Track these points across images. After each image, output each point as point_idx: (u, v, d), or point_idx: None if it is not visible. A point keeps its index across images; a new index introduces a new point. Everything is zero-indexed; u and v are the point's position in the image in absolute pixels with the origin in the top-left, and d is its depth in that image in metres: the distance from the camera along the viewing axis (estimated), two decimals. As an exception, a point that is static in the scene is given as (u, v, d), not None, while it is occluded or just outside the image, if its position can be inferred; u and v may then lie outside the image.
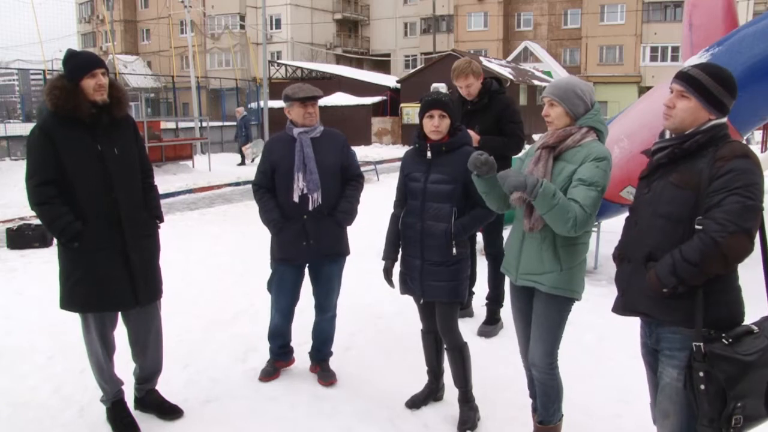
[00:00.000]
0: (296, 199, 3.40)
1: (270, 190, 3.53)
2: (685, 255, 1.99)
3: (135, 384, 3.34)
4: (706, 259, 1.95)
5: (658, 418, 2.26)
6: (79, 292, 2.94)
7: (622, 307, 2.29)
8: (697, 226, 2.00)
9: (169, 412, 3.30)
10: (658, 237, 2.12)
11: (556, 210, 2.43)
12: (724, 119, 2.11)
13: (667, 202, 2.11)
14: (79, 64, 2.85)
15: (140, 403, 3.35)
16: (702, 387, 1.99)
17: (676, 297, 2.06)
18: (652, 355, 2.30)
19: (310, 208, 3.42)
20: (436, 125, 3.00)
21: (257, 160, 17.85)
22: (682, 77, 2.12)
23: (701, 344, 2.00)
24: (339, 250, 3.61)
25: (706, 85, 2.08)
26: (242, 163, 18.01)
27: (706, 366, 1.98)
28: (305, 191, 3.40)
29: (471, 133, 4.18)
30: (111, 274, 2.93)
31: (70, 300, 2.97)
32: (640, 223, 2.21)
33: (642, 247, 2.17)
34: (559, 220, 2.45)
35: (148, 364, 3.29)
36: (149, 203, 3.16)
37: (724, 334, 2.00)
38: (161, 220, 3.26)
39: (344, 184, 3.58)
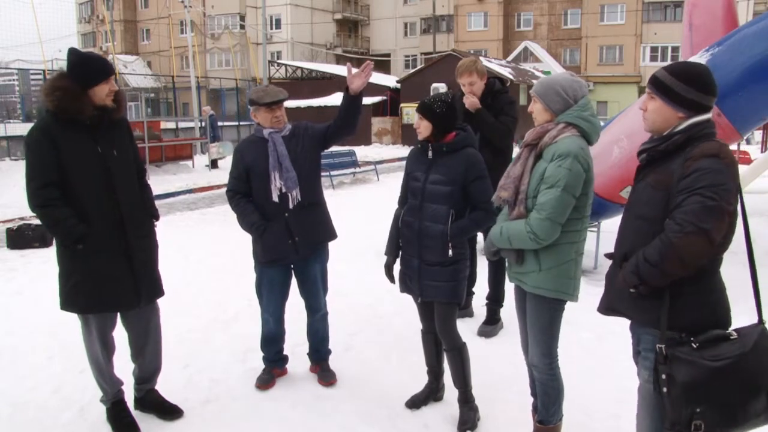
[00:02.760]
0: (276, 198, 3.38)
1: (246, 195, 3.49)
2: (646, 255, 2.00)
3: (134, 384, 3.34)
4: (665, 259, 1.94)
5: (637, 419, 2.28)
6: (81, 293, 2.92)
7: (604, 306, 2.28)
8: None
9: (169, 411, 3.30)
10: (634, 238, 2.13)
11: (513, 239, 2.63)
12: (703, 117, 2.06)
13: (644, 203, 2.12)
14: (96, 69, 2.83)
15: (140, 403, 3.35)
16: (665, 389, 1.98)
17: (649, 298, 2.05)
18: (638, 356, 2.29)
19: (291, 206, 3.40)
20: (416, 126, 3.07)
21: (222, 163, 17.30)
22: (650, 79, 2.16)
23: (663, 346, 1.99)
24: (326, 237, 3.60)
25: (667, 83, 2.07)
26: (213, 165, 17.01)
27: (668, 369, 1.97)
28: (284, 190, 3.38)
29: (473, 99, 4.22)
30: (114, 274, 2.93)
31: (70, 301, 2.96)
32: (622, 224, 2.23)
33: (621, 248, 2.19)
34: (521, 244, 2.63)
35: (147, 364, 3.29)
36: (146, 202, 3.17)
37: (692, 338, 1.97)
38: (157, 218, 3.25)
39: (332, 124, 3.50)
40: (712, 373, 1.91)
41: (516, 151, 4.44)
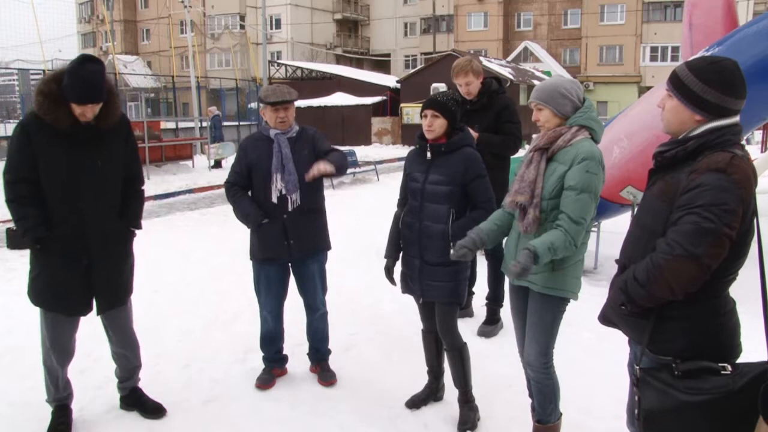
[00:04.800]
0: (275, 200, 3.38)
1: (244, 189, 3.49)
2: (635, 273, 1.86)
3: (117, 383, 3.36)
4: (652, 281, 1.80)
5: None
6: (37, 288, 2.97)
7: (602, 315, 2.15)
8: None
9: (152, 410, 3.30)
10: (633, 248, 1.99)
11: (559, 253, 2.50)
12: (724, 122, 1.85)
13: (646, 212, 1.97)
14: (72, 88, 2.73)
15: (124, 402, 3.35)
16: (635, 411, 1.90)
17: (638, 315, 1.92)
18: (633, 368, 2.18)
19: (290, 209, 3.39)
20: (428, 125, 3.02)
21: (225, 162, 17.43)
22: (670, 75, 1.97)
23: (638, 368, 1.90)
24: (321, 246, 3.61)
25: (685, 81, 1.87)
26: (216, 165, 17.02)
27: (639, 392, 1.88)
28: (284, 192, 3.38)
29: (470, 131, 4.19)
30: (66, 279, 2.92)
31: (30, 291, 3.01)
32: (628, 230, 2.10)
33: (621, 257, 2.06)
34: (564, 253, 2.53)
35: (124, 363, 3.30)
36: (126, 211, 3.11)
37: (674, 365, 1.83)
38: (138, 228, 3.21)
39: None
40: (679, 405, 1.76)
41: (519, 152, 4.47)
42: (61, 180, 2.84)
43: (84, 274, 2.94)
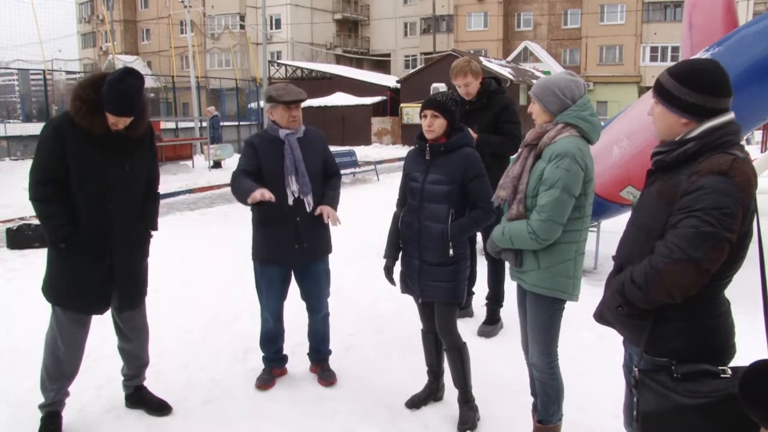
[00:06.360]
0: (291, 202, 3.36)
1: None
2: (633, 275, 1.85)
3: (123, 381, 3.36)
4: (649, 284, 1.79)
5: None
6: (55, 286, 2.98)
7: (598, 313, 2.13)
8: None
9: (157, 408, 3.31)
10: (631, 248, 1.98)
11: (514, 239, 2.64)
12: (718, 121, 1.83)
13: (644, 212, 1.96)
14: (114, 102, 2.79)
15: (129, 400, 3.36)
16: (634, 412, 1.90)
17: (635, 317, 1.91)
18: (628, 368, 2.18)
19: (308, 209, 3.37)
20: (428, 125, 3.02)
21: (225, 163, 17.47)
22: (654, 82, 1.97)
23: (637, 370, 1.90)
24: (327, 250, 3.63)
25: (666, 86, 1.89)
26: (215, 166, 17.06)
27: (638, 393, 1.88)
28: (298, 194, 3.35)
29: (470, 132, 4.19)
30: (90, 279, 2.95)
31: (47, 289, 3.01)
32: (625, 230, 2.08)
33: (618, 257, 2.06)
34: (523, 244, 2.64)
35: (132, 361, 3.31)
36: (146, 212, 3.16)
37: (674, 366, 1.82)
38: (154, 229, 3.24)
39: (325, 180, 3.54)
40: (677, 408, 1.75)
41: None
42: (93, 182, 2.89)
43: (105, 274, 2.98)
